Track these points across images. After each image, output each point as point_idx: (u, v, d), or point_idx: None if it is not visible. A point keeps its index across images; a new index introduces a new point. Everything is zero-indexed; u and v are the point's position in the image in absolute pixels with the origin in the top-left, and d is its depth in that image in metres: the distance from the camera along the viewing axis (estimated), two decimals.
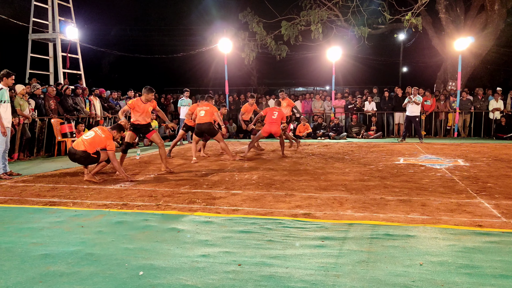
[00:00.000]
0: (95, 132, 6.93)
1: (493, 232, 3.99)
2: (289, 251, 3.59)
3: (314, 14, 16.38)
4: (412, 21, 14.03)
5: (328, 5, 16.65)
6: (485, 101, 15.31)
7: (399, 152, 10.53)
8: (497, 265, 3.19)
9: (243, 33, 17.79)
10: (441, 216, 4.60)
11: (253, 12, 17.68)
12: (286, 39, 17.44)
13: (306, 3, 17.36)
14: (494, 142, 13.37)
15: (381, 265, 3.25)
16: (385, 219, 4.51)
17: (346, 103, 16.39)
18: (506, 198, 5.40)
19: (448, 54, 16.86)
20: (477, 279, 2.95)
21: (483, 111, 15.19)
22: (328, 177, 7.10)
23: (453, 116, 15.25)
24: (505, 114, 14.82)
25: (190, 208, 5.08)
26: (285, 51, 18.16)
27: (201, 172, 7.76)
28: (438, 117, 15.58)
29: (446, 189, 6.01)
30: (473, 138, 14.94)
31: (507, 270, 3.09)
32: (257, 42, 18.00)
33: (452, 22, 16.74)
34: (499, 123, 14.62)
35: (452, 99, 15.40)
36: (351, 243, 3.77)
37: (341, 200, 5.41)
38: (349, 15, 16.55)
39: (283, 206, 5.12)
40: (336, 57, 16.14)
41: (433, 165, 8.26)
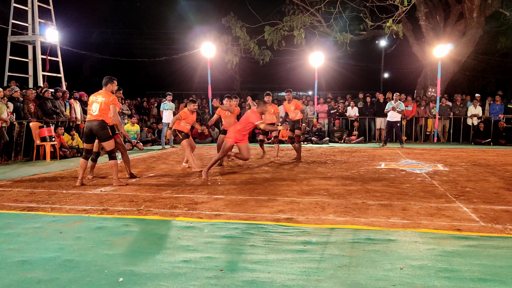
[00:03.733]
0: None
1: (471, 236, 4.06)
2: (271, 256, 3.59)
3: (297, 19, 16.52)
4: (393, 27, 14.26)
5: (311, 11, 16.82)
6: (463, 107, 15.62)
7: (380, 157, 10.65)
8: (475, 269, 3.24)
9: (226, 37, 17.83)
10: (421, 220, 4.66)
11: (237, 17, 17.73)
12: (269, 44, 17.54)
13: (289, 9, 17.51)
14: (472, 147, 13.64)
15: (362, 269, 3.27)
16: (366, 224, 4.54)
17: (329, 108, 16.52)
18: (484, 202, 5.51)
19: (428, 60, 17.17)
20: (456, 283, 2.99)
21: (462, 117, 15.50)
22: (311, 181, 7.13)
23: (433, 122, 15.52)
24: (483, 120, 15.15)
25: (172, 213, 5.03)
26: (268, 56, 18.25)
27: (184, 177, 7.71)
28: (418, 122, 15.83)
29: (426, 193, 6.09)
30: (452, 143, 15.21)
31: (486, 274, 3.14)
32: (241, 46, 18.05)
33: (432, 29, 17.07)
34: (477, 128, 14.93)
35: (432, 105, 15.67)
36: (333, 247, 3.78)
37: (323, 204, 5.44)
38: (332, 21, 16.75)
39: (265, 211, 5.12)
40: (319, 62, 16.28)
41: (414, 170, 8.38)
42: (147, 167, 9.13)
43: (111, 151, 6.85)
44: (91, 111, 6.79)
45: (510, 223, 4.49)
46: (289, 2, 17.67)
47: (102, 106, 6.72)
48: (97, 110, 6.73)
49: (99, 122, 6.71)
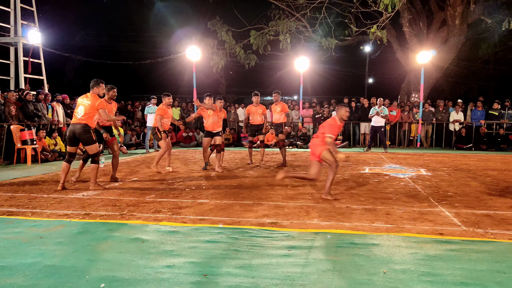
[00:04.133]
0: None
1: (453, 240, 4.11)
2: (256, 260, 3.57)
3: (282, 24, 16.61)
4: (377, 33, 14.42)
5: (296, 16, 16.91)
6: (446, 112, 15.86)
7: (364, 162, 10.73)
8: (457, 272, 3.28)
9: (211, 41, 17.82)
10: (404, 224, 4.70)
11: (222, 21, 17.74)
12: (255, 49, 17.58)
13: (275, 13, 17.59)
14: (454, 152, 13.84)
15: (346, 273, 3.28)
16: (350, 228, 4.56)
17: (314, 112, 16.60)
18: (465, 207, 5.58)
19: (412, 66, 17.41)
20: (438, 287, 3.02)
21: (444, 122, 15.73)
22: (295, 186, 7.14)
23: (416, 127, 15.71)
24: (465, 125, 15.40)
25: (156, 218, 4.98)
26: (253, 60, 18.29)
27: (168, 181, 7.65)
28: (401, 127, 16.01)
29: (409, 198, 6.15)
30: (435, 148, 15.42)
31: (467, 278, 3.17)
32: (226, 50, 18.05)
33: (415, 36, 17.33)
34: (459, 134, 15.17)
35: (415, 110, 15.87)
36: (317, 252, 3.79)
37: (308, 209, 5.44)
38: (317, 26, 16.86)
39: (250, 215, 5.10)
40: (304, 67, 16.37)
41: (397, 175, 8.46)
42: (131, 171, 9.03)
43: (94, 155, 6.76)
44: (77, 113, 6.70)
45: (491, 228, 4.56)
46: (275, 7, 17.76)
47: (87, 109, 6.64)
48: (82, 113, 6.65)
49: (82, 125, 6.62)
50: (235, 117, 16.83)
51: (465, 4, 16.12)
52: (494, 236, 4.26)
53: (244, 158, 11.61)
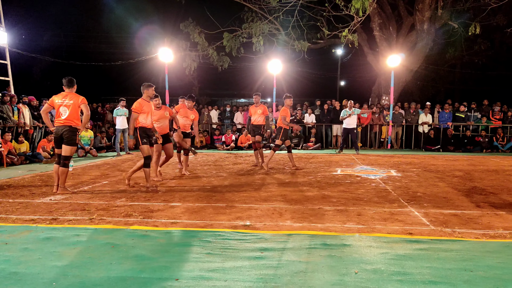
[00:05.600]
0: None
1: (422, 240, 4.19)
2: (228, 263, 3.55)
3: (255, 27, 16.65)
4: (348, 37, 14.65)
5: (269, 19, 16.99)
6: (415, 115, 16.24)
7: (336, 163, 10.85)
8: (426, 271, 3.34)
9: (184, 43, 17.69)
10: (375, 225, 4.77)
11: (195, 23, 17.63)
12: (228, 51, 17.56)
13: (248, 16, 17.63)
14: (423, 153, 14.18)
15: (318, 274, 3.30)
16: (322, 229, 4.59)
17: None
18: (434, 207, 5.72)
19: (382, 69, 17.76)
20: (408, 286, 3.07)
21: (414, 124, 16.10)
22: (269, 188, 7.15)
23: (387, 129, 16.03)
24: (433, 127, 15.82)
25: (126, 222, 4.88)
26: (227, 62, 18.26)
27: (139, 184, 7.52)
28: (372, 129, 16.29)
29: (380, 198, 6.25)
30: (405, 149, 15.76)
31: (436, 276, 3.24)
32: (199, 52, 17.96)
33: (385, 40, 17.69)
34: (428, 135, 15.56)
35: (386, 113, 16.19)
36: (290, 253, 3.79)
37: (281, 210, 5.46)
38: (290, 29, 16.99)
39: (223, 218, 5.07)
40: (277, 69, 16.45)
41: (368, 176, 8.59)
42: (101, 174, 8.84)
43: (67, 157, 6.59)
44: (60, 115, 6.52)
45: (458, 227, 4.68)
46: (248, 9, 17.80)
47: (72, 109, 6.51)
48: (66, 114, 6.50)
49: (69, 128, 6.52)
50: (208, 119, 16.74)
51: (433, 9, 16.57)
52: (462, 235, 4.37)
53: (218, 160, 11.57)
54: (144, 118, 6.98)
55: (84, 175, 8.68)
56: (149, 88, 7.17)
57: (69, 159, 6.67)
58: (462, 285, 3.08)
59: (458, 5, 16.94)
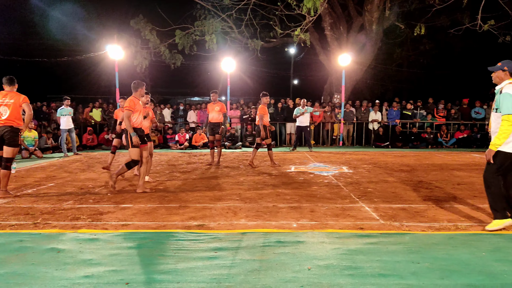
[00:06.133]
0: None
1: (372, 234, 4.30)
2: (181, 264, 3.47)
3: (208, 24, 16.50)
4: (301, 36, 14.82)
5: (222, 17, 16.89)
6: (365, 112, 16.73)
7: (290, 161, 10.97)
8: (376, 265, 3.43)
9: (135, 40, 17.23)
10: (328, 221, 4.85)
11: (146, 20, 17.22)
12: (181, 48, 17.28)
13: (200, 14, 17.43)
14: (373, 150, 14.63)
15: (272, 272, 3.30)
16: (277, 227, 4.61)
17: (241, 113, 16.69)
18: (383, 201, 5.90)
19: (333, 68, 18.14)
20: (359, 280, 3.13)
21: (364, 122, 16.57)
22: (223, 187, 7.11)
23: (338, 127, 16.40)
24: (382, 124, 16.35)
25: (74, 225, 4.68)
26: (179, 60, 17.98)
27: (88, 186, 7.24)
28: (325, 127, 16.61)
29: (332, 195, 6.37)
30: (356, 146, 16.20)
31: (385, 269, 3.33)
32: (150, 50, 17.57)
33: (336, 39, 18.08)
34: (378, 133, 16.07)
35: (337, 111, 16.56)
36: (244, 252, 3.77)
37: (235, 209, 5.43)
38: (243, 27, 16.98)
39: (176, 219, 4.97)
40: (231, 68, 16.40)
41: (321, 173, 8.74)
42: (47, 176, 8.44)
43: (9, 159, 6.23)
44: (0, 115, 6.16)
45: (406, 220, 4.85)
46: (200, 7, 17.61)
47: (13, 109, 6.19)
48: (7, 114, 6.16)
49: (10, 128, 6.20)
50: (160, 118, 16.42)
51: (381, 10, 17.11)
52: (409, 228, 4.53)
53: (171, 160, 11.38)
54: (135, 118, 6.68)
55: (28, 178, 8.25)
56: (142, 86, 6.88)
57: (11, 161, 6.32)
58: (409, 277, 3.18)
59: (404, 7, 17.61)
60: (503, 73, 4.45)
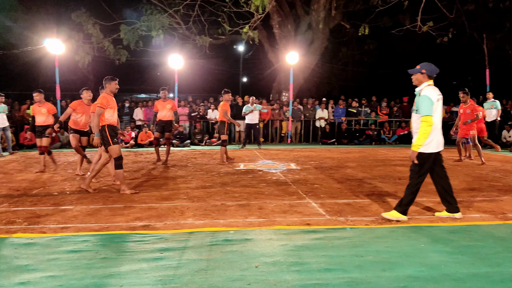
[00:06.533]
0: None
1: (319, 229, 4.38)
2: (125, 267, 3.36)
3: (155, 20, 16.12)
4: (249, 34, 14.85)
5: (169, 12, 16.55)
6: (313, 110, 17.06)
7: (239, 158, 10.96)
8: (322, 260, 3.48)
9: (77, 34, 16.50)
10: (275, 217, 4.88)
11: (89, 13, 16.55)
12: (126, 44, 16.77)
13: (146, 8, 16.99)
14: (320, 147, 14.95)
15: (220, 271, 3.26)
16: (225, 225, 4.58)
17: (190, 110, 16.48)
18: (329, 197, 6.02)
19: (282, 66, 18.34)
20: (305, 275, 3.17)
21: (311, 119, 16.90)
22: (170, 186, 6.96)
23: (287, 124, 16.62)
24: (328, 122, 16.75)
25: (8, 230, 4.39)
26: (124, 55, 17.44)
27: (24, 188, 6.84)
28: (273, 125, 16.77)
29: (280, 191, 6.43)
30: (303, 143, 16.48)
31: (331, 264, 3.39)
32: (93, 45, 16.90)
33: (284, 38, 18.29)
34: (324, 130, 16.44)
35: (285, 109, 16.77)
36: (191, 252, 3.71)
37: (183, 208, 5.33)
38: (191, 23, 16.74)
39: (120, 220, 4.81)
40: (179, 64, 16.13)
41: (270, 170, 8.80)
42: None
43: None
44: None
45: (351, 215, 4.98)
46: (147, 1, 17.15)
47: None
48: None
49: None
50: None
51: (327, 10, 17.50)
52: (354, 223, 4.65)
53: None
54: (111, 115, 6.34)
55: None
56: (113, 82, 6.56)
57: None
58: (354, 270, 3.26)
59: (349, 7, 18.11)
60: (421, 75, 4.71)
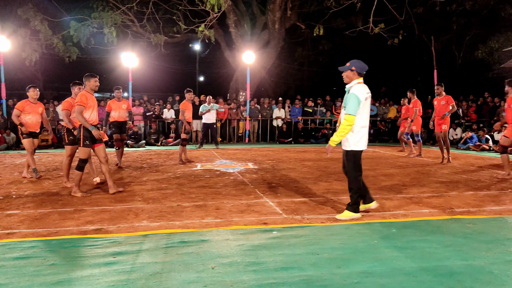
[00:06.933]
0: None
1: (276, 228, 4.39)
2: (75, 273, 3.21)
3: (107, 16, 15.63)
4: (205, 32, 14.72)
5: (122, 9, 16.11)
6: (270, 110, 17.17)
7: (197, 158, 10.84)
8: (278, 258, 3.49)
9: (23, 30, 15.74)
10: (233, 217, 4.85)
11: (36, 9, 15.81)
12: (76, 41, 16.16)
13: (98, 5, 16.46)
14: (277, 146, 15.07)
15: (175, 274, 3.19)
16: (181, 226, 4.50)
17: (145, 110, 16.14)
18: (286, 196, 6.06)
19: (239, 66, 18.34)
20: (261, 275, 3.16)
21: (269, 118, 17.00)
22: (124, 187, 6.77)
23: (244, 124, 16.62)
24: (285, 121, 16.91)
25: None
26: (75, 53, 16.82)
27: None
28: (231, 124, 16.73)
29: (238, 191, 6.40)
30: (261, 143, 16.55)
31: (287, 262, 3.40)
32: (41, 41, 16.17)
33: (240, 37, 18.28)
34: (281, 129, 16.59)
35: (243, 108, 16.78)
36: (145, 255, 3.61)
37: (137, 211, 5.19)
38: (145, 21, 16.38)
39: (71, 224, 4.61)
40: (133, 63, 15.75)
41: (227, 170, 8.76)
42: None
43: None
44: None
45: (307, 213, 5.03)
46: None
47: None
48: None
49: None
50: (54, 115, 15.23)
51: (283, 10, 17.66)
52: (310, 221, 4.70)
53: None
54: (88, 114, 6.09)
55: None
56: (92, 79, 6.30)
57: None
58: (309, 268, 3.28)
59: (304, 8, 18.36)
60: (351, 72, 4.83)
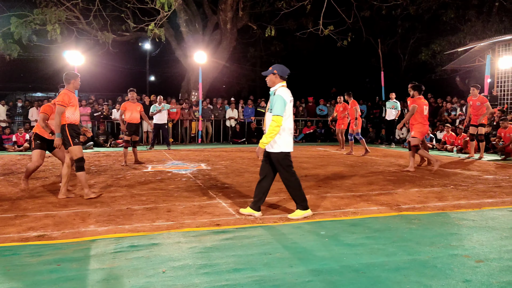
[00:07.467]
0: None
1: (228, 230, 4.35)
2: (16, 283, 3.03)
3: (50, 13, 14.91)
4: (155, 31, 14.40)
5: (67, 5, 15.44)
6: (222, 110, 17.11)
7: (147, 160, 10.60)
8: (230, 260, 3.46)
9: None
10: (184, 220, 4.76)
11: None
12: (17, 38, 15.32)
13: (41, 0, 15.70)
14: (231, 146, 15.04)
15: (124, 280, 3.08)
16: (130, 230, 4.36)
17: (92, 110, 15.59)
18: (239, 196, 6.04)
19: (190, 65, 18.13)
20: (214, 277, 3.11)
21: (221, 119, 16.93)
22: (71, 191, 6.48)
23: (197, 124, 16.46)
24: (238, 121, 16.92)
25: None
26: (16, 51, 15.93)
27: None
28: (183, 125, 16.51)
29: (190, 193, 6.31)
30: (214, 143, 16.46)
31: (239, 264, 3.38)
32: None
33: (192, 36, 18.08)
34: (235, 129, 16.58)
35: (195, 108, 16.60)
36: (92, 261, 3.46)
37: (84, 215, 4.98)
38: (91, 18, 15.81)
39: (11, 231, 4.35)
40: (79, 61, 15.16)
41: (179, 171, 8.62)
42: None
43: None
44: None
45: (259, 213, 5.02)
46: None
47: None
48: None
49: None
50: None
51: (234, 10, 17.64)
52: (262, 221, 4.70)
53: (7, 163, 10.05)
54: (72, 113, 5.86)
55: None
56: (77, 78, 6.12)
57: None
58: (262, 268, 3.28)
59: (256, 8, 18.44)
60: (274, 76, 4.95)
